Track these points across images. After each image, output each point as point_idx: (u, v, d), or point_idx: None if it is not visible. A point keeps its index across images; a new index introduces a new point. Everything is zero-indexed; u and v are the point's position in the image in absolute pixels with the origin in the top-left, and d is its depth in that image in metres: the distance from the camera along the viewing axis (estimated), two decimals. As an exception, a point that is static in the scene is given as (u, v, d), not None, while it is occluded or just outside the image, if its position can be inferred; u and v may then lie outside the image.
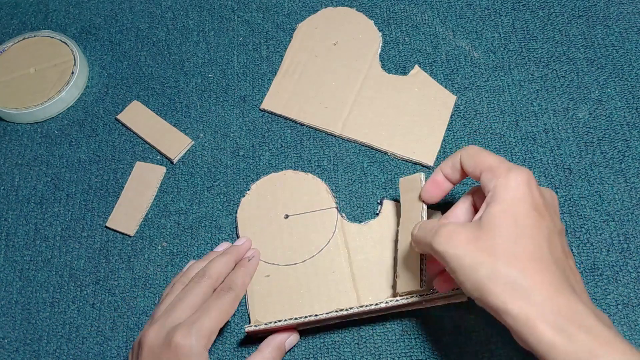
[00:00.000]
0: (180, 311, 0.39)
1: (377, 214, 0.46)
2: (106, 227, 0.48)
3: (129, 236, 0.48)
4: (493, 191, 0.33)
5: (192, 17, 0.57)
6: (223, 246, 0.46)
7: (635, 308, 0.41)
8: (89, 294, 0.46)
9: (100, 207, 0.49)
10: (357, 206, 0.47)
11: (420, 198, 0.41)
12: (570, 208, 0.45)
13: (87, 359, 0.44)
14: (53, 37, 0.56)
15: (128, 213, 0.48)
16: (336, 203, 0.47)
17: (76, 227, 0.48)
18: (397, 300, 0.39)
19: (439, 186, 0.39)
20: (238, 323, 0.44)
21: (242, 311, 0.44)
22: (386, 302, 0.39)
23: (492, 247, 0.31)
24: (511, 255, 0.30)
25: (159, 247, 0.47)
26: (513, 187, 0.32)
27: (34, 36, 0.56)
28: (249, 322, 0.43)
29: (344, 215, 0.46)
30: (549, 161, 0.47)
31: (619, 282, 0.42)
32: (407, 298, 0.39)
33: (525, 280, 0.29)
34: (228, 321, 0.41)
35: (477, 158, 0.35)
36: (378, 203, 0.47)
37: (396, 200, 0.46)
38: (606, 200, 0.45)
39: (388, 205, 0.46)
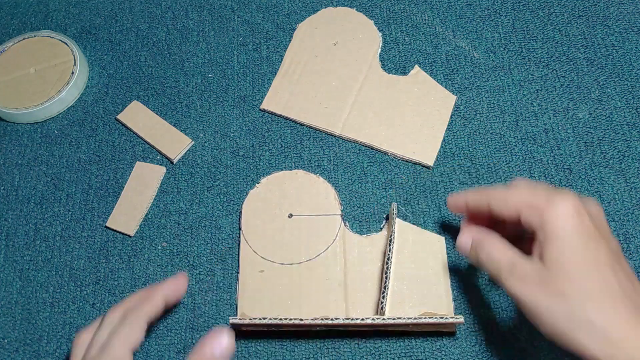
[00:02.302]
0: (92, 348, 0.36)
1: (382, 229, 0.46)
2: (106, 227, 0.48)
3: (129, 236, 0.48)
4: (543, 229, 0.33)
5: (192, 17, 0.57)
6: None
7: (635, 308, 0.41)
8: (89, 294, 0.46)
9: (100, 207, 0.49)
10: (357, 206, 0.47)
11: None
12: (570, 208, 0.45)
13: (87, 359, 0.44)
14: (53, 37, 0.56)
15: (128, 213, 0.48)
16: (342, 211, 0.46)
17: (76, 227, 0.48)
18: (383, 319, 0.38)
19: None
20: (229, 314, 0.44)
21: (232, 302, 0.44)
22: (372, 319, 0.38)
23: (563, 290, 0.31)
24: (584, 297, 0.31)
25: (159, 247, 0.47)
26: (563, 222, 0.32)
27: (34, 36, 0.56)
28: (236, 314, 0.43)
29: (347, 224, 0.46)
30: (549, 161, 0.47)
31: (619, 282, 0.42)
32: (394, 319, 0.38)
33: (601, 320, 0.30)
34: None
35: (509, 198, 0.36)
36: (384, 218, 0.46)
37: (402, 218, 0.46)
38: (606, 200, 0.45)
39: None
